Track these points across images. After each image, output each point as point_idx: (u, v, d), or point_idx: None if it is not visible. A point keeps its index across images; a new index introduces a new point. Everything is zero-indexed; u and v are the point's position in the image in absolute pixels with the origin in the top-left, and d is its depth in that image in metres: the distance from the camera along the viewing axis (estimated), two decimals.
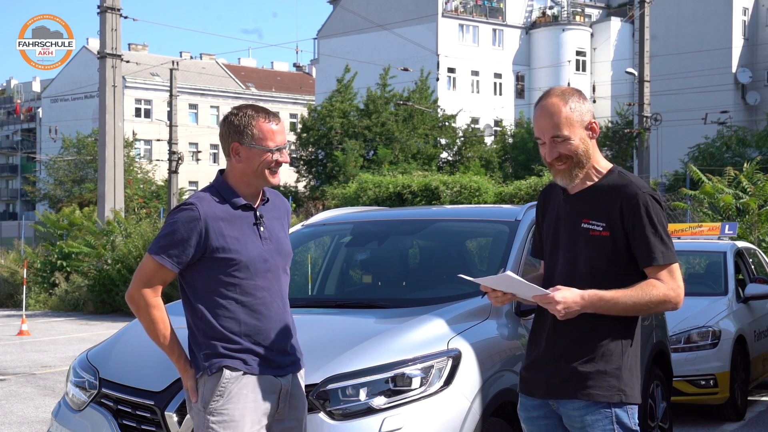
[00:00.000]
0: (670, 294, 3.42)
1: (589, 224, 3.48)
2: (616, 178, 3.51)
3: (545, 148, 3.50)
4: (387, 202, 24.08)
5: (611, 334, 3.45)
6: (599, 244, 3.46)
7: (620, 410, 3.46)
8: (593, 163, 3.53)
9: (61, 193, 54.79)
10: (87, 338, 17.23)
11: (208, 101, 73.06)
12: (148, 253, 3.67)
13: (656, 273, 3.42)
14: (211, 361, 3.63)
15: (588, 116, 3.50)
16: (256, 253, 3.68)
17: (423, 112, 44.07)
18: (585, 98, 3.55)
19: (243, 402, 3.61)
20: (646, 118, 30.02)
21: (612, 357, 3.44)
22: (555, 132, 3.46)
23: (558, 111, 3.46)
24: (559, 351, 3.50)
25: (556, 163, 3.50)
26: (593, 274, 3.45)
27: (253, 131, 3.68)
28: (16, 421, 9.12)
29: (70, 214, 27.98)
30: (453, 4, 58.77)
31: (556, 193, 3.65)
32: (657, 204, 3.46)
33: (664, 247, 3.43)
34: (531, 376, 3.60)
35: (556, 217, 3.61)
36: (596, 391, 3.43)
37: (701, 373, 8.71)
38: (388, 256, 6.36)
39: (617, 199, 3.45)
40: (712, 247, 10.68)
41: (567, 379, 3.46)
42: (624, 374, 3.45)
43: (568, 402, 3.48)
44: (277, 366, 3.70)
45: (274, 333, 3.70)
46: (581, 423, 3.46)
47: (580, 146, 3.47)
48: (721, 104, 46.08)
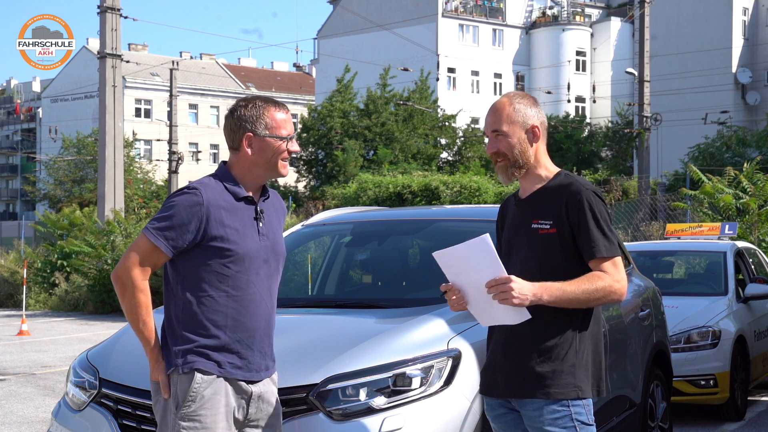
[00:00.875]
0: (615, 285, 3.55)
1: (538, 224, 3.65)
2: (562, 179, 3.69)
3: (489, 142, 3.73)
4: (387, 202, 24.09)
5: (566, 333, 3.59)
6: (548, 242, 3.61)
7: (577, 407, 3.58)
8: (541, 167, 3.72)
9: (61, 193, 54.79)
10: (87, 338, 17.23)
11: (208, 101, 73.09)
12: (143, 232, 3.56)
13: (600, 265, 3.57)
14: (185, 359, 3.54)
15: (532, 120, 3.68)
16: (253, 248, 3.62)
17: (423, 112, 44.07)
18: (536, 105, 3.75)
19: (216, 407, 3.54)
20: (646, 118, 30.02)
21: (567, 356, 3.57)
22: (494, 126, 3.69)
23: (502, 108, 3.69)
24: (514, 352, 3.62)
25: (495, 159, 3.72)
26: (543, 270, 3.58)
27: (267, 121, 3.64)
28: (16, 421, 9.12)
29: (70, 214, 27.98)
30: (453, 4, 58.78)
31: (510, 202, 3.87)
32: (599, 200, 3.63)
33: (606, 240, 3.57)
34: (490, 377, 3.73)
35: (510, 223, 3.79)
36: (554, 389, 3.55)
37: (701, 373, 8.71)
38: (388, 256, 6.36)
39: (562, 197, 3.62)
40: (712, 247, 10.69)
41: (525, 379, 3.59)
42: (578, 371, 3.58)
43: (527, 402, 3.60)
44: (253, 369, 3.63)
45: (258, 332, 3.64)
46: (540, 422, 3.58)
47: (517, 146, 3.66)
48: (721, 104, 46.08)
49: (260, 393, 3.66)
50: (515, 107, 3.67)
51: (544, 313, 3.54)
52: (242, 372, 3.60)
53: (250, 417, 3.66)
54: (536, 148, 3.69)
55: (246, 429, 3.67)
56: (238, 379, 3.60)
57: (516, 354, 3.61)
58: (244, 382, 3.62)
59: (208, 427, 3.52)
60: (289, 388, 4.11)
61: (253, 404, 3.65)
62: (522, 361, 3.59)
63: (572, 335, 3.59)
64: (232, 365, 3.58)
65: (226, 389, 3.57)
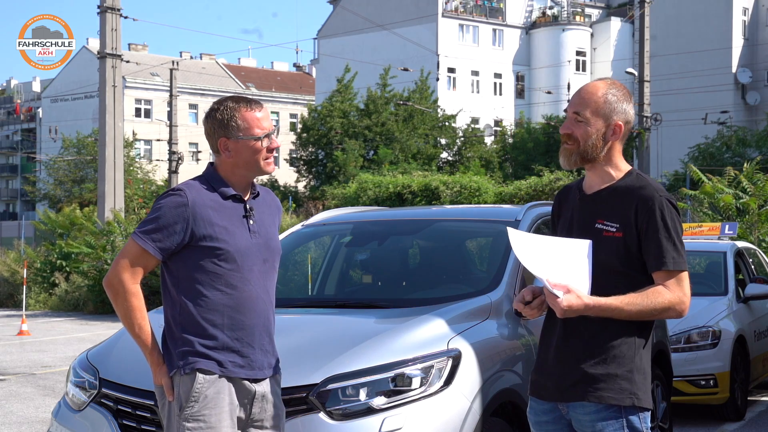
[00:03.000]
0: (675, 302, 3.35)
1: (603, 225, 3.42)
2: (633, 179, 3.47)
3: (566, 121, 3.51)
4: (387, 202, 24.08)
5: (624, 336, 3.38)
6: (612, 245, 3.39)
7: (632, 415, 3.37)
8: (612, 165, 3.49)
9: (61, 193, 54.74)
10: (87, 338, 17.23)
11: (208, 101, 73.00)
12: (131, 237, 3.56)
13: (664, 279, 3.36)
14: (186, 360, 3.54)
15: (617, 116, 3.45)
16: (244, 245, 3.60)
17: (423, 112, 44.06)
18: (629, 100, 3.51)
19: (220, 406, 3.53)
20: (646, 118, 30.03)
21: (624, 359, 3.37)
22: (578, 108, 3.46)
23: (593, 93, 3.47)
24: (569, 353, 3.43)
25: (565, 140, 3.49)
26: (605, 274, 3.38)
27: (238, 122, 3.62)
28: (16, 421, 9.12)
29: (70, 214, 27.98)
30: (453, 4, 58.76)
31: (573, 194, 3.60)
32: (673, 208, 3.40)
33: (675, 252, 3.36)
34: (541, 379, 3.52)
35: (570, 217, 3.56)
36: (607, 393, 3.34)
37: (701, 373, 8.71)
38: (388, 256, 6.36)
39: (633, 200, 3.40)
40: (712, 247, 10.69)
41: (577, 381, 3.38)
42: (636, 377, 3.37)
43: (577, 406, 3.40)
44: (255, 367, 3.61)
45: (257, 329, 3.62)
46: (591, 428, 3.38)
47: (592, 136, 3.44)
48: (721, 104, 46.08)
49: (264, 393, 3.65)
50: (607, 98, 3.44)
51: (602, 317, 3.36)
52: (245, 371, 3.59)
53: (254, 417, 3.65)
54: (611, 145, 3.46)
55: (249, 429, 3.66)
56: (241, 378, 3.59)
57: (569, 355, 3.42)
58: (248, 382, 3.61)
59: (213, 426, 3.52)
60: (290, 388, 4.11)
61: (257, 404, 3.64)
62: (576, 362, 3.39)
63: (631, 339, 3.38)
64: (233, 364, 3.57)
65: (229, 389, 3.57)
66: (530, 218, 5.76)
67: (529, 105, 58.73)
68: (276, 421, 3.71)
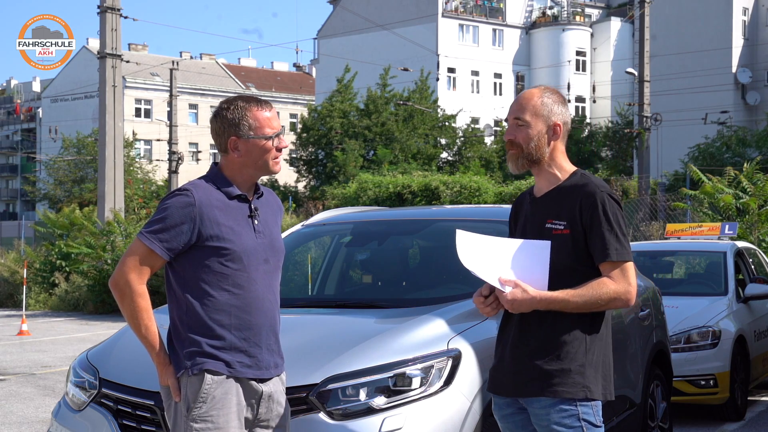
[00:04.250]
0: (620, 291, 3.50)
1: (552, 224, 3.60)
2: (578, 179, 3.64)
3: (507, 128, 3.70)
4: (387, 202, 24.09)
5: (575, 332, 3.54)
6: (561, 242, 3.56)
7: (585, 407, 3.54)
8: (557, 166, 3.67)
9: (61, 193, 54.76)
10: (87, 338, 17.23)
11: (208, 101, 73.06)
12: (138, 237, 3.55)
13: (609, 270, 3.52)
14: (194, 360, 3.53)
15: (556, 117, 3.65)
16: (250, 245, 3.60)
17: (423, 112, 44.07)
18: (564, 103, 3.71)
19: (227, 407, 3.53)
20: (646, 118, 30.02)
21: (576, 355, 3.53)
22: (517, 114, 3.65)
23: (529, 98, 3.67)
24: (524, 350, 3.58)
25: (509, 147, 3.68)
26: (556, 271, 3.54)
27: (249, 122, 3.63)
28: (16, 421, 9.12)
29: (70, 214, 27.98)
30: (453, 4, 58.76)
31: (525, 199, 3.80)
32: (614, 202, 3.57)
33: (618, 244, 3.52)
34: (499, 375, 3.69)
35: (524, 221, 3.74)
36: (561, 388, 3.51)
37: (701, 373, 8.71)
38: (388, 256, 6.36)
39: (577, 197, 3.57)
40: (712, 247, 10.69)
41: (533, 378, 3.55)
42: (588, 371, 3.53)
43: (534, 401, 3.56)
44: (262, 367, 3.61)
45: (264, 329, 3.62)
46: (548, 421, 3.54)
47: (534, 138, 3.62)
48: (721, 104, 46.08)
49: (270, 393, 3.66)
50: (543, 100, 3.64)
51: (554, 312, 3.52)
52: (252, 371, 3.59)
53: (261, 417, 3.65)
54: (553, 146, 3.65)
55: (256, 429, 3.67)
56: (248, 378, 3.59)
57: (524, 353, 3.58)
58: (255, 382, 3.61)
59: (221, 427, 3.52)
60: (290, 387, 4.09)
61: (263, 404, 3.64)
62: (530, 359, 3.56)
63: (582, 335, 3.55)
64: (241, 364, 3.57)
65: (237, 389, 3.57)
66: None
67: None
68: (282, 421, 3.72)
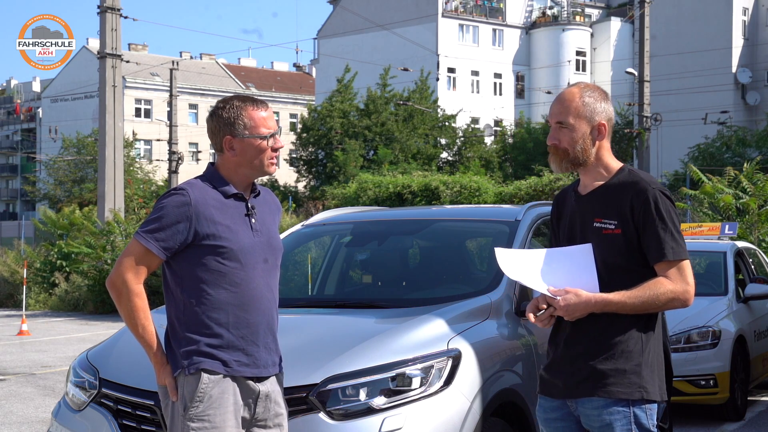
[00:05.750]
0: (678, 291, 3.40)
1: (601, 223, 3.48)
2: (626, 175, 3.52)
3: (551, 132, 3.58)
4: (387, 202, 24.08)
5: (631, 331, 3.43)
6: (612, 242, 3.45)
7: (639, 410, 3.42)
8: (603, 164, 3.55)
9: (61, 193, 54.76)
10: (87, 338, 17.23)
11: (208, 101, 73.03)
12: (134, 237, 3.55)
13: (665, 270, 3.40)
14: (191, 360, 3.53)
15: (600, 117, 3.52)
16: (247, 243, 3.60)
17: (423, 112, 44.07)
18: (607, 99, 3.57)
19: (224, 406, 3.53)
20: (646, 118, 30.02)
21: (632, 354, 3.42)
22: (560, 117, 3.52)
23: (571, 99, 3.53)
24: (578, 350, 3.47)
25: (553, 151, 3.56)
26: (608, 271, 3.44)
27: (245, 121, 3.62)
28: (16, 421, 9.12)
29: (70, 214, 27.98)
30: (453, 4, 58.75)
31: (569, 196, 3.66)
32: (667, 200, 3.45)
33: (674, 242, 3.40)
34: (550, 377, 3.57)
35: (570, 219, 3.62)
36: (616, 388, 3.39)
37: (701, 373, 8.71)
38: (388, 256, 6.36)
39: (627, 195, 3.45)
40: (712, 247, 10.69)
41: (586, 378, 3.43)
42: (644, 371, 3.42)
43: (586, 401, 3.45)
44: (260, 365, 3.61)
45: (261, 327, 3.61)
46: (599, 422, 3.42)
47: (580, 142, 3.50)
48: (721, 104, 46.06)
49: (268, 392, 3.65)
50: (585, 100, 3.51)
51: (608, 312, 3.41)
52: (249, 369, 3.59)
53: (258, 416, 3.65)
54: (599, 146, 3.53)
55: (253, 429, 3.66)
56: (246, 378, 3.59)
57: (578, 353, 3.46)
58: (252, 381, 3.61)
59: (218, 426, 3.52)
60: (290, 388, 4.10)
61: (261, 404, 3.64)
62: (584, 359, 3.44)
63: (638, 334, 3.43)
64: (238, 363, 3.57)
65: (234, 389, 3.56)
66: (530, 218, 5.75)
67: (529, 105, 58.73)
68: (280, 420, 3.71)
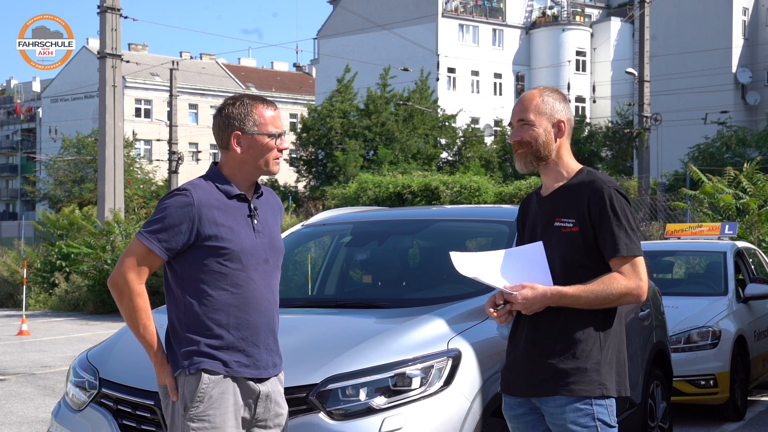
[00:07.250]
0: (631, 287, 3.52)
1: (560, 222, 3.61)
2: (584, 176, 3.66)
3: (513, 131, 3.71)
4: (387, 202, 24.08)
5: (588, 330, 3.55)
6: (571, 240, 3.58)
7: (599, 406, 3.53)
8: (563, 164, 3.69)
9: (61, 193, 54.79)
10: (87, 338, 17.23)
11: (208, 101, 73.07)
12: (137, 237, 3.56)
13: (620, 265, 3.53)
14: (191, 360, 3.53)
15: (560, 115, 3.68)
16: (249, 245, 3.60)
17: (423, 112, 44.07)
18: (565, 101, 3.74)
19: (224, 406, 3.53)
20: (646, 118, 30.01)
21: (591, 353, 3.53)
22: (521, 116, 3.68)
23: (531, 98, 3.69)
24: (538, 350, 3.58)
25: (516, 147, 3.69)
26: (566, 269, 3.56)
27: (255, 118, 3.64)
28: (16, 421, 9.12)
29: (70, 214, 27.98)
30: (453, 4, 58.76)
31: (533, 199, 3.82)
32: (622, 197, 3.59)
33: (628, 239, 3.54)
34: (512, 376, 3.68)
35: (533, 221, 3.76)
36: (578, 386, 3.51)
37: (701, 373, 8.71)
38: (388, 256, 6.36)
39: (584, 194, 3.58)
40: (712, 247, 10.69)
41: (548, 377, 3.54)
42: (603, 369, 3.54)
43: (549, 399, 3.55)
44: (260, 366, 3.61)
45: (262, 328, 3.62)
46: (563, 420, 3.53)
47: (541, 136, 3.64)
48: (721, 104, 46.08)
49: (268, 393, 3.66)
50: (544, 99, 3.67)
51: (567, 311, 3.52)
52: (250, 370, 3.59)
53: (258, 417, 3.65)
54: (560, 144, 3.68)
55: (254, 429, 3.66)
56: (246, 378, 3.59)
57: (538, 352, 3.57)
58: (252, 382, 3.61)
59: (218, 427, 3.52)
60: (290, 388, 4.09)
61: (261, 404, 3.64)
62: (545, 358, 3.55)
63: (596, 333, 3.54)
64: (239, 364, 3.57)
65: (234, 389, 3.57)
66: None
67: None
68: (280, 421, 3.72)
